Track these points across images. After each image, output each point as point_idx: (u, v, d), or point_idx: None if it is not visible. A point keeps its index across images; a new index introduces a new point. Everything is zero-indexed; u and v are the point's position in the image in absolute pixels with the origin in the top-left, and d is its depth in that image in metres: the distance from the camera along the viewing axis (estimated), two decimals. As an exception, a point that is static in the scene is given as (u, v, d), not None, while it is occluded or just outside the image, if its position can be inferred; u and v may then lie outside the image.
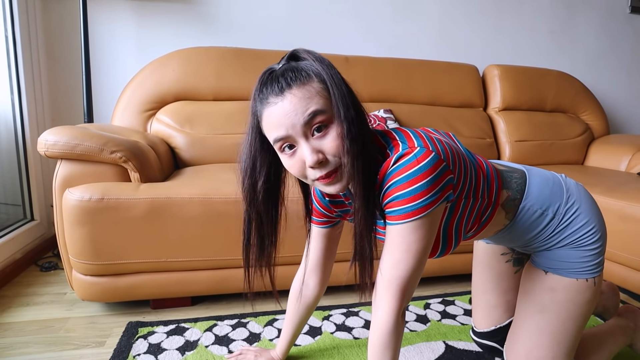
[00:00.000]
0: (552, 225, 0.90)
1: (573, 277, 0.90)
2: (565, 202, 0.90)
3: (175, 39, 2.21)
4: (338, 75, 0.73)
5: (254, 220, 0.83)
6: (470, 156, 0.86)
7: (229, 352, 1.22)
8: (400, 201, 0.72)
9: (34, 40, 2.00)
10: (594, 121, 2.63)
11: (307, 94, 0.70)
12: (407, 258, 0.74)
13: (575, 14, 2.84)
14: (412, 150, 0.72)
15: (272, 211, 0.84)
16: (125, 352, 1.19)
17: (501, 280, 1.09)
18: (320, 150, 0.71)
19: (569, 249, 0.90)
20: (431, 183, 0.71)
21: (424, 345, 1.28)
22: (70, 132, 1.35)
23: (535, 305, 0.94)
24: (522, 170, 0.95)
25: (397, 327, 0.77)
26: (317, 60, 0.73)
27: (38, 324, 1.37)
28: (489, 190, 0.86)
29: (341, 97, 0.71)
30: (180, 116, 1.94)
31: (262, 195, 0.80)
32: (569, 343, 0.92)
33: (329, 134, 0.71)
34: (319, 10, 2.39)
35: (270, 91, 0.72)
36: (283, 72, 0.72)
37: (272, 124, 0.72)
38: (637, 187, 1.71)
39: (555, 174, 0.96)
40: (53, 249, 2.02)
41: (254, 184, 0.80)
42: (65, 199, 1.30)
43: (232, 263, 1.44)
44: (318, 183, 0.75)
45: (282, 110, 0.70)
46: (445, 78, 2.39)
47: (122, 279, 1.39)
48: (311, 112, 0.70)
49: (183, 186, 1.41)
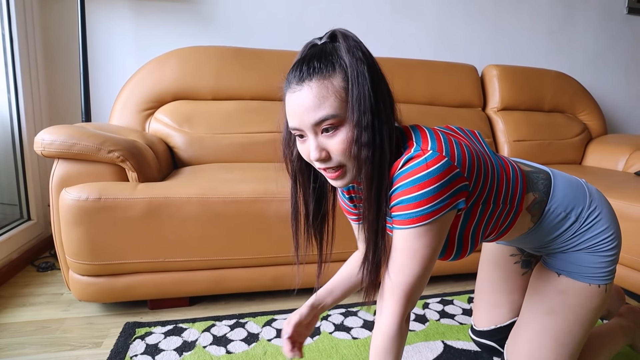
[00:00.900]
0: (573, 228, 0.88)
1: (586, 281, 0.89)
2: (588, 206, 0.89)
3: (174, 39, 2.21)
4: (365, 73, 0.69)
5: (299, 188, 0.84)
6: (495, 158, 0.84)
7: (227, 352, 1.21)
8: (406, 206, 0.70)
9: (32, 39, 1.99)
10: (592, 121, 2.63)
11: (323, 91, 0.69)
12: (412, 264, 0.73)
13: (574, 15, 2.84)
14: (424, 154, 0.69)
15: (311, 178, 0.84)
16: (122, 353, 1.19)
17: (508, 281, 1.08)
18: (324, 148, 0.72)
19: (586, 253, 0.89)
20: (439, 189, 0.68)
21: (423, 345, 1.28)
22: (67, 131, 1.35)
23: (544, 306, 0.93)
24: (547, 171, 0.93)
25: (400, 332, 0.77)
26: (350, 51, 0.70)
27: (34, 324, 1.36)
28: (512, 196, 0.84)
29: (359, 100, 0.69)
30: (178, 116, 1.93)
31: (297, 162, 0.82)
32: (573, 347, 0.91)
33: (338, 135, 0.71)
34: (318, 11, 2.39)
35: (294, 76, 0.71)
36: (312, 57, 0.71)
37: (288, 111, 0.73)
38: (634, 187, 1.71)
39: (577, 178, 0.95)
40: (50, 249, 2.01)
41: (291, 153, 0.82)
42: (62, 199, 1.30)
43: (230, 263, 1.43)
44: (323, 173, 0.76)
45: (296, 103, 0.70)
46: (444, 78, 2.39)
47: (120, 279, 1.38)
48: (322, 117, 0.69)
49: (181, 186, 1.40)
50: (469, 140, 0.83)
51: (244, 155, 1.95)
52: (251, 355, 1.21)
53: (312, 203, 0.85)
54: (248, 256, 1.44)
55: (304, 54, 0.74)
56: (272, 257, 1.46)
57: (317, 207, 0.86)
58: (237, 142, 1.95)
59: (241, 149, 1.95)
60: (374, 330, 0.80)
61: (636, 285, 1.55)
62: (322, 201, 0.86)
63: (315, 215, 0.86)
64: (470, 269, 1.73)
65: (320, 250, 0.89)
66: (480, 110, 2.48)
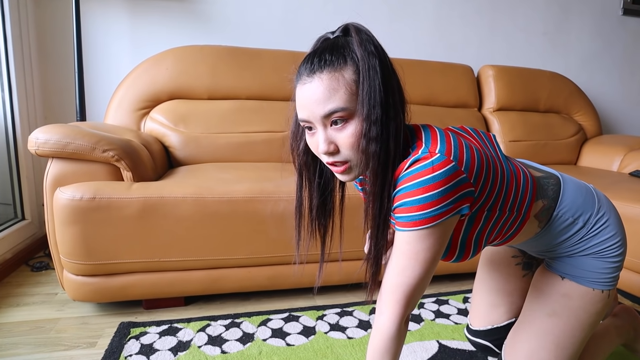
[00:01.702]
0: (581, 233, 0.88)
1: (590, 286, 0.89)
2: (596, 212, 0.88)
3: (169, 37, 2.20)
4: (377, 67, 0.69)
5: (304, 182, 0.84)
6: (506, 164, 0.83)
7: (222, 352, 1.21)
8: (409, 208, 0.69)
9: (26, 37, 1.97)
10: (587, 122, 2.64)
11: (334, 84, 0.69)
12: (414, 266, 0.72)
13: (569, 16, 2.85)
14: (431, 156, 0.68)
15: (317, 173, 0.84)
16: (116, 353, 1.18)
17: (508, 282, 1.08)
18: (333, 141, 0.72)
19: (592, 258, 0.88)
20: (444, 194, 0.67)
21: (418, 344, 1.28)
22: (61, 130, 1.34)
23: (546, 308, 0.93)
24: (557, 175, 0.92)
25: (399, 333, 0.76)
26: (362, 45, 0.70)
27: (28, 324, 1.35)
28: (520, 203, 0.83)
29: (369, 94, 0.69)
30: (174, 115, 1.93)
31: (303, 155, 0.82)
32: (572, 351, 0.91)
33: (347, 129, 0.70)
34: (314, 10, 2.39)
35: (305, 68, 0.71)
36: (324, 50, 0.71)
37: (298, 103, 0.73)
38: (629, 187, 1.72)
39: (586, 183, 0.94)
40: (44, 249, 2.00)
41: (298, 146, 0.82)
42: (56, 198, 1.29)
43: (226, 263, 1.43)
44: (331, 167, 0.76)
45: (307, 93, 0.70)
46: (440, 78, 2.39)
47: (114, 279, 1.37)
48: (331, 109, 0.69)
49: (176, 185, 1.40)
50: (482, 144, 0.82)
51: (239, 155, 1.95)
52: (246, 355, 1.20)
53: (317, 197, 0.84)
54: (243, 256, 1.43)
55: (316, 47, 0.74)
56: (268, 257, 1.46)
57: (322, 202, 0.85)
58: (233, 141, 1.95)
59: (237, 149, 1.95)
60: (372, 329, 0.79)
61: (630, 285, 1.56)
62: (328, 197, 0.86)
63: (319, 210, 0.85)
64: (465, 269, 1.73)
65: (322, 246, 0.88)
66: (476, 110, 2.49)
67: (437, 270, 1.70)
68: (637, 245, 1.49)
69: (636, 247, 1.49)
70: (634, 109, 3.12)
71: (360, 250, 1.50)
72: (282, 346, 1.25)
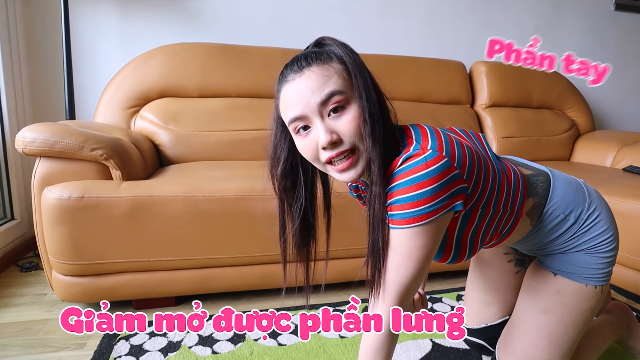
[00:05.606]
0: (572, 229, 0.87)
1: (583, 282, 0.88)
2: (587, 208, 0.88)
3: (159, 35, 2.18)
4: (359, 60, 0.72)
5: (286, 207, 0.82)
6: (497, 162, 0.83)
7: (213, 352, 1.20)
8: (403, 205, 0.68)
9: (14, 36, 1.95)
10: (580, 117, 2.64)
11: (325, 72, 0.69)
12: (408, 263, 0.71)
13: (561, 11, 2.85)
14: (423, 153, 0.67)
15: (300, 200, 0.81)
16: (106, 355, 1.17)
17: (501, 279, 1.07)
18: (334, 130, 0.69)
19: (584, 254, 0.88)
20: (437, 190, 0.67)
21: (411, 343, 1.27)
22: (49, 129, 1.32)
23: (539, 305, 0.92)
24: (547, 172, 0.92)
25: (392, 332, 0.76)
26: (341, 46, 0.72)
27: (17, 325, 1.33)
28: (513, 201, 0.82)
29: (363, 78, 0.70)
30: (164, 113, 1.91)
31: (282, 181, 0.79)
32: (566, 347, 0.91)
33: (346, 114, 0.69)
34: (305, 7, 2.37)
35: (290, 70, 0.71)
36: (306, 54, 0.72)
37: (288, 102, 0.71)
38: (622, 183, 1.72)
39: (576, 178, 0.94)
40: (34, 249, 1.97)
41: (277, 173, 0.80)
42: (44, 198, 1.27)
43: (216, 262, 1.42)
44: (331, 169, 0.73)
45: (299, 87, 0.69)
46: (432, 75, 2.38)
47: (104, 279, 1.36)
48: (328, 92, 0.68)
49: (166, 184, 1.38)
50: (471, 143, 0.81)
51: (230, 153, 1.93)
52: (237, 355, 1.19)
53: (299, 222, 0.82)
54: (234, 255, 1.42)
55: (290, 61, 0.74)
56: (259, 256, 1.45)
57: (304, 226, 0.83)
58: (224, 139, 1.93)
59: (228, 147, 1.93)
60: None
61: (623, 280, 1.56)
62: (310, 220, 0.84)
63: (303, 234, 0.84)
64: (458, 266, 1.72)
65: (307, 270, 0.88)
66: (469, 106, 2.48)
67: (430, 268, 1.70)
68: (630, 241, 1.49)
69: (630, 243, 1.49)
70: (626, 105, 3.12)
71: (352, 248, 1.49)
72: (274, 346, 1.24)
